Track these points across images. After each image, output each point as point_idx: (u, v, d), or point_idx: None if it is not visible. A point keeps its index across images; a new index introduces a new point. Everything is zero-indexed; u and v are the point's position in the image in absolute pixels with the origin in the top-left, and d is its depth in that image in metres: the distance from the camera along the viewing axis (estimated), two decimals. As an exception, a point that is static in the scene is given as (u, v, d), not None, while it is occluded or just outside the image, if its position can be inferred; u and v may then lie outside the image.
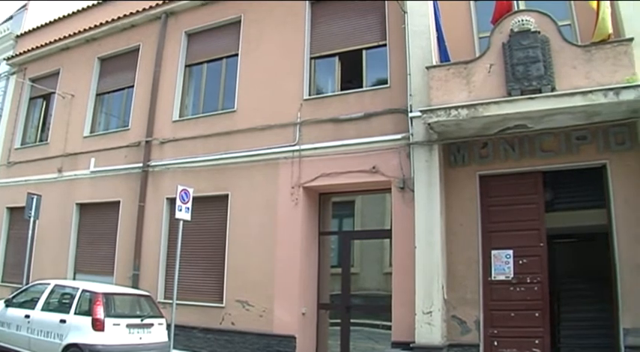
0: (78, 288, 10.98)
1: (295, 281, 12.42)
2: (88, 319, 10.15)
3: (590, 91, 9.27)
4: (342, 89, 13.28)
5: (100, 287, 11.21)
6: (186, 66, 15.94)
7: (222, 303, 13.24)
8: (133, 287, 13.86)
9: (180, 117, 15.47)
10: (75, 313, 10.48)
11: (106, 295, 10.65)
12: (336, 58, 13.58)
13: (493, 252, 10.89)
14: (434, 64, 11.21)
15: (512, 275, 10.69)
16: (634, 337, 9.46)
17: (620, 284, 9.79)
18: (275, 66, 13.95)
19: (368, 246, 13.37)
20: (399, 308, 11.15)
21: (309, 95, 13.42)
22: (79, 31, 18.31)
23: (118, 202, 15.77)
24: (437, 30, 11.53)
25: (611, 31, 9.82)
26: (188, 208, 12.29)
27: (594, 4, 9.95)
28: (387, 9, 12.79)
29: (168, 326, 11.62)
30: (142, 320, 10.86)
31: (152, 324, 11.03)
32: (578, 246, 14.27)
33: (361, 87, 12.94)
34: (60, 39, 18.88)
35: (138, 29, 17.22)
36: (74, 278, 15.97)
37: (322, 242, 13.33)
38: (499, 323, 10.61)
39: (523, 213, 10.87)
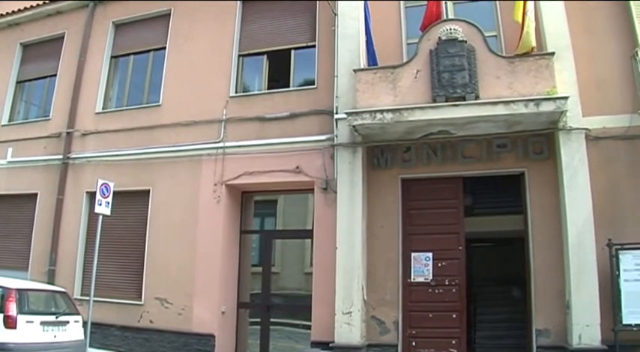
0: (-11, 284, 10.54)
1: (215, 279, 12.31)
2: (0, 316, 9.76)
3: (512, 101, 9.61)
4: (269, 88, 13.30)
5: (13, 282, 10.69)
6: (112, 57, 15.53)
7: (140, 301, 12.98)
8: (48, 282, 13.38)
9: (103, 109, 15.05)
10: (-15, 310, 10.04)
11: (20, 291, 10.18)
12: (265, 57, 13.55)
13: (413, 254, 11.09)
14: (361, 67, 11.33)
15: (431, 278, 10.92)
16: (545, 337, 9.86)
17: (533, 286, 10.19)
18: (203, 62, 13.78)
19: (289, 246, 13.48)
20: (319, 308, 11.22)
21: (236, 93, 13.34)
22: (1, 15, 17.50)
23: (36, 195, 15.18)
24: (366, 33, 11.62)
25: (534, 44, 10.20)
26: (108, 203, 11.99)
27: (519, 17, 10.28)
28: (318, 10, 12.85)
29: (85, 324, 11.30)
30: (57, 318, 10.50)
31: (67, 322, 10.68)
32: (496, 250, 14.65)
33: (288, 87, 12.98)
34: (-21, 22, 18.10)
35: (64, 16, 16.61)
36: (-15, 273, 15.36)
37: (243, 240, 13.25)
38: (417, 323, 10.82)
39: (443, 216, 11.12)
